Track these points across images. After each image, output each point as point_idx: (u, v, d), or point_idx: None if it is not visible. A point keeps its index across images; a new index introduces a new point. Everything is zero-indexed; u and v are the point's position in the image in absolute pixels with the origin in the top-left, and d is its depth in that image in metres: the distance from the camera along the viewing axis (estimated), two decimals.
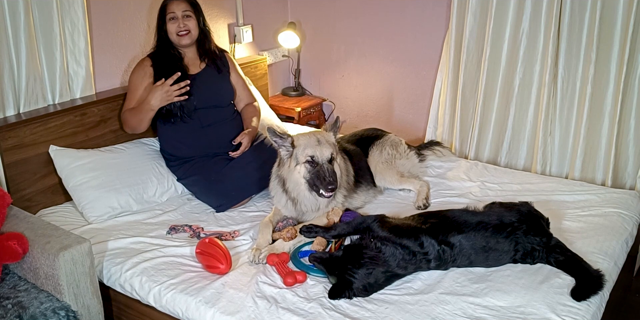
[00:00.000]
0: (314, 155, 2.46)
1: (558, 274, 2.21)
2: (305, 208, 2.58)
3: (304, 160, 2.47)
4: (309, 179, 2.49)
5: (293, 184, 2.52)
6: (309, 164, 2.47)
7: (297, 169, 2.49)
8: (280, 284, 2.21)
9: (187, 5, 2.91)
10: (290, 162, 2.50)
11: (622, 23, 2.93)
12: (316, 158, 2.46)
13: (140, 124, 2.88)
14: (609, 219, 2.60)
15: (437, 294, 2.14)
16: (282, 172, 2.55)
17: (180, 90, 2.78)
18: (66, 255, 2.11)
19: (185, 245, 2.47)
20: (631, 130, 3.07)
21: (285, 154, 2.52)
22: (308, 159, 2.46)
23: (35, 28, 2.75)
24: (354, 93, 4.22)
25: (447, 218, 2.31)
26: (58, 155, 2.77)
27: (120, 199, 2.75)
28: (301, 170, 2.49)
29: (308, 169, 2.48)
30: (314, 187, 2.49)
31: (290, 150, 2.49)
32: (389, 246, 2.16)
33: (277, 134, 2.47)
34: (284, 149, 2.51)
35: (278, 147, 2.51)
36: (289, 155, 2.50)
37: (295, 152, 2.48)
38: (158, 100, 2.79)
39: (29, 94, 2.79)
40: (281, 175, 2.57)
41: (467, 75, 3.46)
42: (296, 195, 2.55)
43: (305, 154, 2.47)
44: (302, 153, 2.47)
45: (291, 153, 2.49)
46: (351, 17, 4.03)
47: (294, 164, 2.48)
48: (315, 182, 2.47)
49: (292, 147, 2.49)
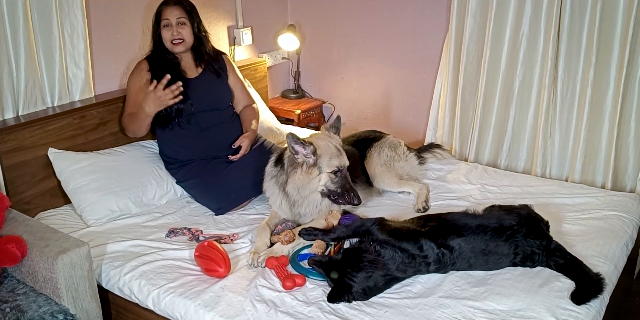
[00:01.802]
0: (340, 165, 2.45)
1: (558, 277, 2.21)
2: (304, 211, 2.57)
3: (330, 170, 2.44)
4: (332, 189, 2.47)
5: (306, 190, 2.48)
6: (334, 174, 2.45)
7: (319, 178, 2.45)
8: (279, 288, 2.20)
9: (182, 12, 2.89)
10: (311, 170, 2.45)
11: (622, 25, 2.93)
12: (342, 168, 2.46)
13: (140, 129, 2.88)
14: (609, 222, 2.60)
15: (436, 298, 2.13)
16: (292, 176, 2.48)
17: (173, 92, 2.73)
18: (65, 259, 2.10)
19: (185, 249, 2.47)
20: (631, 132, 3.07)
21: (304, 161, 2.45)
22: (334, 169, 2.44)
23: (35, 31, 2.75)
24: (353, 95, 4.22)
25: (447, 221, 2.31)
26: (57, 158, 2.77)
27: (120, 201, 2.75)
28: (323, 179, 2.45)
29: (332, 179, 2.45)
30: (333, 197, 2.48)
31: (311, 157, 2.44)
32: (388, 249, 2.16)
33: (299, 141, 2.40)
34: (302, 156, 2.45)
35: (295, 153, 2.44)
36: (311, 164, 2.44)
37: (319, 161, 2.44)
38: (152, 106, 2.75)
39: (28, 97, 2.79)
40: (283, 179, 2.53)
41: (467, 77, 3.46)
42: (299, 199, 2.52)
43: (332, 164, 2.44)
44: (328, 163, 2.44)
45: (314, 161, 2.44)
46: (351, 19, 4.03)
47: (317, 173, 2.44)
48: (340, 193, 2.46)
49: (313, 155, 2.44)
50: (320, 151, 2.45)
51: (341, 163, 2.47)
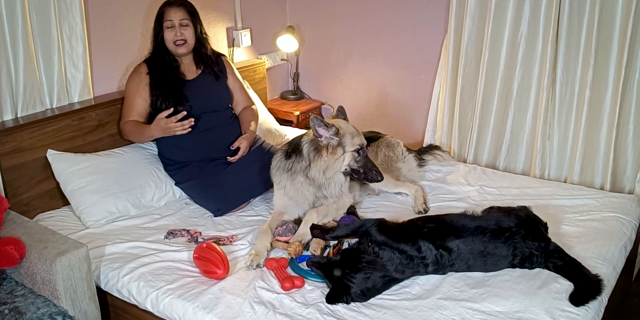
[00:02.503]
0: (361, 144, 2.49)
1: (556, 279, 2.21)
2: (329, 193, 2.58)
3: (353, 148, 2.47)
4: (356, 168, 2.50)
5: (331, 171, 2.50)
6: (357, 152, 2.48)
7: (343, 157, 2.48)
8: (277, 289, 2.20)
9: (185, 13, 2.90)
10: (335, 150, 2.46)
11: (620, 27, 2.93)
12: (363, 146, 2.50)
13: (139, 142, 2.99)
14: (607, 224, 2.60)
15: (435, 299, 2.13)
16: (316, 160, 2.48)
17: (184, 127, 2.76)
18: (63, 261, 2.11)
19: (183, 250, 2.47)
20: (630, 134, 3.07)
21: (329, 142, 2.46)
22: (357, 148, 2.48)
23: (33, 32, 2.75)
24: (352, 96, 4.22)
25: (445, 222, 2.31)
26: (56, 160, 2.77)
27: (118, 203, 2.75)
28: (347, 158, 2.48)
29: (355, 158, 2.49)
30: (356, 175, 2.52)
31: (334, 138, 2.46)
32: (386, 251, 2.16)
33: (322, 123, 2.43)
34: (326, 138, 2.46)
35: (319, 136, 2.45)
36: (335, 144, 2.46)
37: (342, 141, 2.46)
38: (159, 132, 2.81)
39: (26, 98, 2.78)
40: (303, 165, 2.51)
41: (465, 78, 3.46)
42: (324, 181, 2.52)
43: (355, 143, 2.48)
44: (351, 142, 2.47)
45: (338, 142, 2.46)
46: (350, 21, 4.04)
47: (341, 152, 2.47)
48: (363, 172, 2.50)
49: (336, 136, 2.46)
50: (343, 131, 2.48)
51: (362, 141, 2.51)
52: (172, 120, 2.74)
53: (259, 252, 2.39)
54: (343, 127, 2.50)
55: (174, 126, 2.75)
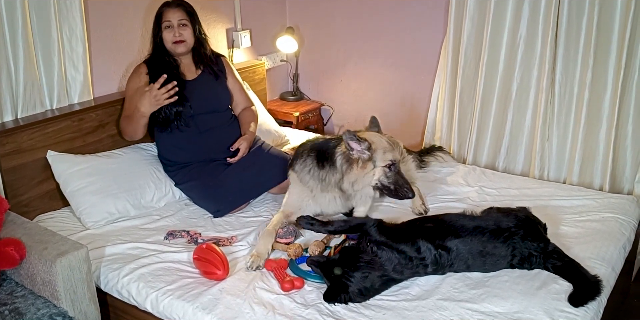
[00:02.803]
0: (393, 159, 2.46)
1: (555, 279, 2.21)
2: (358, 202, 2.61)
3: (384, 164, 2.45)
4: (386, 184, 2.47)
5: (360, 184, 2.48)
6: (388, 167, 2.46)
7: (373, 172, 2.45)
8: (277, 290, 2.21)
9: (184, 14, 2.91)
10: (365, 164, 2.44)
11: (619, 28, 2.93)
12: (395, 162, 2.47)
13: (136, 132, 2.88)
14: (606, 224, 2.60)
15: (434, 300, 2.14)
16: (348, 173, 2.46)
17: (169, 92, 2.73)
18: (63, 262, 2.11)
19: (183, 251, 2.47)
20: (629, 135, 3.07)
21: (359, 156, 2.45)
22: (388, 163, 2.45)
23: (33, 33, 2.76)
24: (352, 98, 4.22)
25: (444, 222, 2.31)
26: (56, 161, 2.77)
27: (118, 204, 2.75)
28: (377, 173, 2.45)
29: (386, 173, 2.46)
30: (386, 191, 2.49)
31: (366, 153, 2.44)
32: (385, 251, 2.16)
33: (355, 137, 2.42)
34: (357, 152, 2.45)
35: (351, 149, 2.44)
36: (366, 159, 2.45)
37: (374, 156, 2.44)
38: (147, 106, 2.75)
39: (26, 100, 2.79)
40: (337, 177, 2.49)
41: (464, 80, 3.47)
42: (353, 192, 2.53)
43: (386, 158, 2.45)
44: (382, 157, 2.44)
45: (369, 156, 2.44)
46: (350, 22, 4.04)
47: (371, 167, 2.45)
48: (394, 189, 2.47)
49: (368, 151, 2.44)
50: (375, 146, 2.46)
51: (394, 157, 2.48)
52: (156, 87, 2.70)
53: (260, 254, 2.40)
54: (376, 141, 2.47)
55: (159, 93, 2.70)
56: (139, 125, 2.83)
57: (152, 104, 2.74)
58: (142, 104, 2.74)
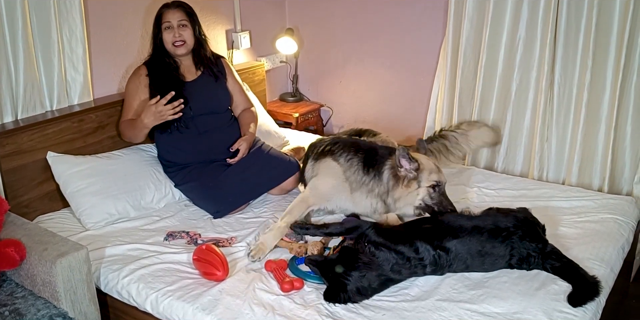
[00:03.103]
0: (439, 180, 2.50)
1: (554, 280, 2.22)
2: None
3: (428, 184, 2.48)
4: (430, 204, 2.50)
5: (402, 202, 2.51)
6: (432, 188, 2.48)
7: (417, 192, 2.48)
8: (277, 291, 2.21)
9: (183, 15, 2.91)
10: (410, 183, 2.48)
11: (618, 29, 2.94)
12: (440, 183, 2.50)
13: (136, 138, 2.91)
14: (605, 225, 2.61)
15: (433, 301, 2.14)
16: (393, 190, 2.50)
17: (174, 109, 2.75)
18: (63, 262, 2.11)
19: (183, 252, 2.47)
20: (627, 136, 3.08)
21: (406, 175, 2.48)
22: (433, 184, 2.48)
23: (33, 35, 2.76)
24: (351, 99, 4.23)
25: (442, 223, 2.32)
26: (56, 162, 2.78)
27: (118, 205, 2.75)
28: (422, 193, 2.48)
29: (430, 194, 2.49)
30: (428, 212, 2.51)
31: (413, 173, 2.48)
32: (383, 251, 2.17)
33: (407, 156, 2.45)
34: (405, 171, 2.48)
35: (400, 166, 2.48)
36: (411, 178, 2.48)
37: (420, 176, 2.48)
38: (151, 120, 2.77)
39: (26, 101, 2.79)
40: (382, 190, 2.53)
41: (464, 81, 3.47)
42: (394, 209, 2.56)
43: (431, 178, 2.48)
44: (428, 177, 2.48)
45: (415, 176, 2.48)
46: (349, 23, 4.05)
47: (415, 186, 2.48)
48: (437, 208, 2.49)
49: (415, 171, 2.48)
50: (422, 166, 2.49)
51: (440, 178, 2.51)
52: (162, 103, 2.72)
53: (265, 247, 2.40)
54: (424, 163, 2.52)
55: (165, 109, 2.73)
56: (140, 133, 2.87)
57: (157, 118, 2.76)
58: (147, 117, 2.77)
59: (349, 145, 2.70)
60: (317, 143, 2.87)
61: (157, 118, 2.77)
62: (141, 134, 2.87)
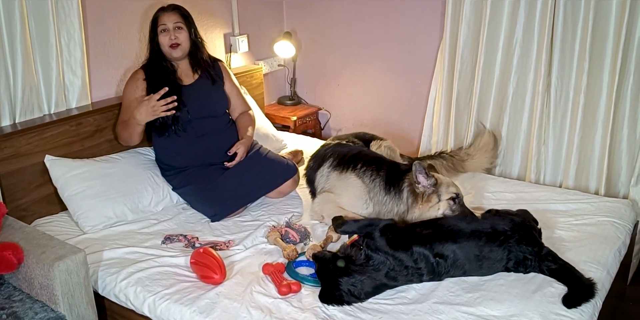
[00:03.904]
0: (457, 193, 2.52)
1: (551, 283, 2.22)
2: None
3: (448, 197, 2.50)
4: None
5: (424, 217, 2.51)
6: (452, 200, 2.51)
7: (438, 206, 2.50)
8: (274, 294, 2.21)
9: (179, 17, 2.92)
10: (430, 197, 2.50)
11: (614, 33, 2.95)
12: (459, 195, 2.52)
13: (131, 138, 2.88)
14: (602, 228, 2.62)
15: (430, 304, 2.14)
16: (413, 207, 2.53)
17: (167, 105, 2.74)
18: (61, 266, 2.11)
19: (180, 255, 2.48)
20: (624, 139, 3.09)
21: (424, 191, 2.51)
22: (452, 196, 2.51)
23: (32, 38, 2.77)
24: (349, 102, 4.24)
25: (442, 227, 2.32)
26: (54, 165, 2.78)
27: (116, 208, 2.76)
28: (442, 206, 2.50)
29: (451, 206, 2.51)
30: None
31: (432, 189, 2.50)
32: (379, 256, 2.17)
33: (424, 171, 2.48)
34: (423, 187, 2.51)
35: (417, 183, 2.50)
36: (430, 193, 2.50)
37: (438, 190, 2.51)
38: (143, 115, 2.75)
39: (24, 104, 2.80)
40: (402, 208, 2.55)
41: (461, 84, 3.48)
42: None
43: (450, 191, 2.51)
44: (447, 190, 2.51)
45: (433, 191, 2.50)
46: (347, 27, 4.06)
47: (436, 200, 2.50)
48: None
49: (434, 186, 2.51)
50: (440, 181, 2.53)
51: (458, 190, 2.54)
52: (155, 98, 2.71)
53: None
54: (440, 177, 2.57)
55: (157, 104, 2.71)
56: (134, 132, 2.84)
57: (149, 113, 2.75)
58: (139, 112, 2.75)
59: (372, 160, 2.71)
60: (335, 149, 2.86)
61: (149, 113, 2.74)
62: (135, 132, 2.84)
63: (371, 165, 2.68)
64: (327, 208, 2.70)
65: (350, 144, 2.96)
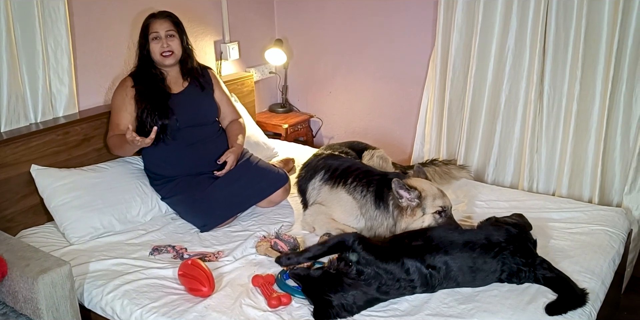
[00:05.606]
0: (444, 206, 2.47)
1: (545, 293, 2.19)
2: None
3: (434, 210, 2.46)
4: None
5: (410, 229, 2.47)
6: (438, 214, 2.46)
7: (423, 219, 2.46)
8: (264, 307, 2.17)
9: (171, 25, 2.89)
10: (414, 211, 2.46)
11: (606, 40, 2.94)
12: (446, 208, 2.48)
13: (125, 154, 2.94)
14: (596, 237, 2.59)
15: (423, 316, 2.11)
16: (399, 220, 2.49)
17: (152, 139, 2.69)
18: (45, 279, 2.07)
19: (168, 267, 2.43)
20: (617, 147, 3.07)
21: (408, 204, 2.47)
22: (438, 209, 2.46)
23: (18, 46, 2.72)
24: (341, 109, 4.21)
25: (432, 239, 2.27)
26: (40, 175, 2.73)
27: (103, 219, 2.71)
28: (427, 220, 2.46)
29: (436, 219, 2.46)
30: None
31: (416, 201, 2.46)
32: (369, 270, 2.12)
33: (404, 186, 2.44)
34: (407, 200, 2.46)
35: (400, 197, 2.46)
36: (414, 206, 2.46)
37: (423, 203, 2.46)
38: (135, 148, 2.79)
39: (10, 113, 2.75)
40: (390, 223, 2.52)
41: (453, 92, 3.46)
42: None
43: (436, 204, 2.46)
44: (432, 204, 2.46)
45: (418, 204, 2.46)
46: (338, 34, 4.04)
47: (420, 214, 2.46)
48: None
49: (419, 199, 2.46)
50: (425, 193, 2.47)
51: (445, 203, 2.49)
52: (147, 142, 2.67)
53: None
54: (426, 189, 2.49)
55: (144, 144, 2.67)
56: (128, 153, 2.90)
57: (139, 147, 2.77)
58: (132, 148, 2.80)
59: (363, 175, 2.67)
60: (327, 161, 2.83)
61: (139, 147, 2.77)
62: (130, 153, 2.91)
63: (362, 180, 2.65)
64: (319, 219, 2.67)
65: (343, 155, 2.93)
